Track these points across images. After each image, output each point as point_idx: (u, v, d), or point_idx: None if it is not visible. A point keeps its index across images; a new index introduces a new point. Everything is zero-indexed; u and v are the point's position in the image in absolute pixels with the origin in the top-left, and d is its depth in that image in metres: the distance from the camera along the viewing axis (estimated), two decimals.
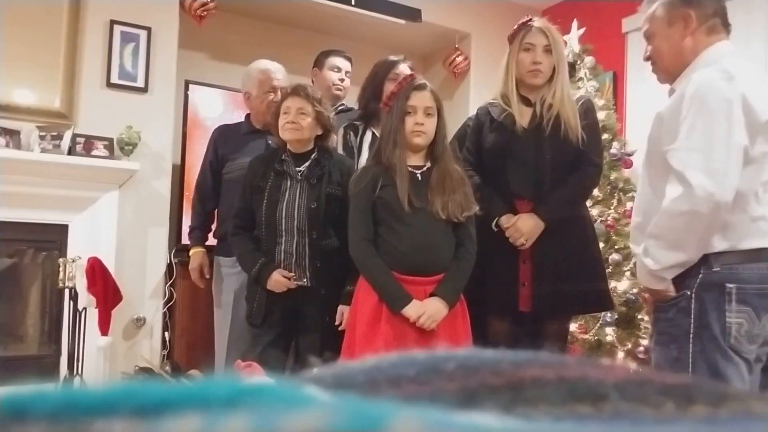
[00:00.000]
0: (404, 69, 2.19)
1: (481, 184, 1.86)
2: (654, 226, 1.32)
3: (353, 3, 3.40)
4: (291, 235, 1.87)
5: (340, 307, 1.87)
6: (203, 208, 2.38)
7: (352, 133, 2.26)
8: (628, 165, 3.21)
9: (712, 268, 1.28)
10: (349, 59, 2.62)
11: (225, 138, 2.38)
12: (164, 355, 2.95)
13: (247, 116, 2.41)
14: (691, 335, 1.29)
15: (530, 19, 1.87)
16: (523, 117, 1.83)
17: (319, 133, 1.94)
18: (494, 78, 2.72)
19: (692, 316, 1.29)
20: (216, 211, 2.41)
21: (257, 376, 1.46)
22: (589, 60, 3.21)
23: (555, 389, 0.18)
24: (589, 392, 0.18)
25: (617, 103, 3.45)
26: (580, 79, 3.12)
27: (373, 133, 2.20)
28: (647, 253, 1.33)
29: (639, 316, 2.97)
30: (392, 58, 2.24)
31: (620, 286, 2.94)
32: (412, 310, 1.63)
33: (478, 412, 0.18)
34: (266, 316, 1.90)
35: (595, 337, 2.94)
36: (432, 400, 0.18)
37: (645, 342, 2.88)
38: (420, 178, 1.73)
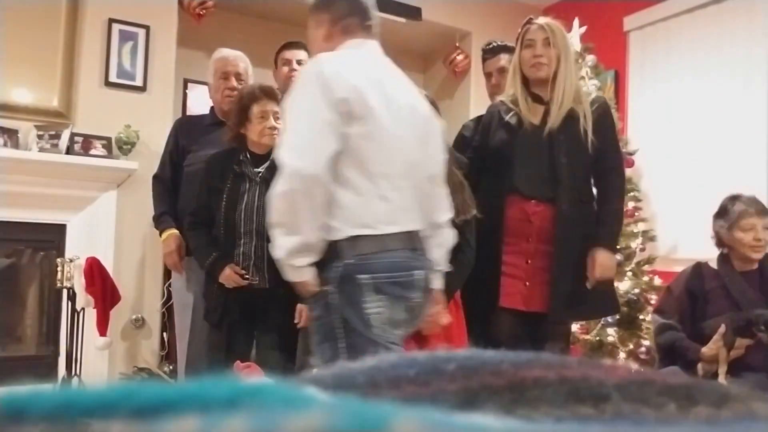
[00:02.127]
0: None
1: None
2: (270, 214, 1.35)
3: None
4: (250, 237, 1.87)
5: (299, 306, 1.88)
6: (167, 197, 2.30)
7: None
8: (630, 164, 3.21)
9: (346, 260, 1.30)
10: (302, 47, 2.52)
11: (187, 129, 2.33)
12: (163, 355, 2.95)
13: (212, 108, 2.37)
14: (339, 330, 1.31)
15: (531, 18, 1.88)
16: (534, 114, 1.82)
17: None
18: None
19: (336, 312, 1.31)
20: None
21: (256, 377, 1.46)
22: (590, 59, 3.22)
23: (556, 390, 0.18)
24: (590, 393, 0.18)
25: (619, 101, 3.46)
26: (582, 78, 3.13)
27: None
28: (273, 243, 1.35)
29: (641, 317, 2.97)
30: None
31: (621, 286, 2.94)
32: None
33: (478, 413, 0.17)
34: (224, 314, 1.91)
35: (597, 338, 2.94)
36: (432, 401, 0.18)
37: (647, 342, 2.89)
38: None
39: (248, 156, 1.92)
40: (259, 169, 1.91)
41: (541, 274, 1.79)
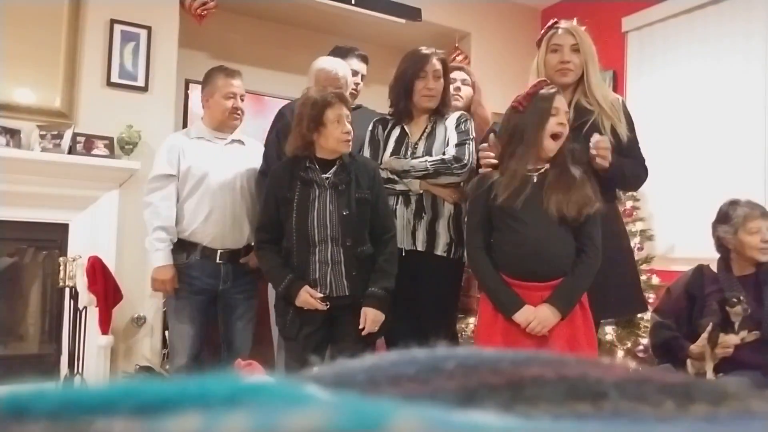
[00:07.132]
0: (435, 64, 2.05)
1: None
2: None
3: (353, 2, 3.39)
4: (325, 244, 1.80)
5: (364, 310, 1.81)
6: None
7: (380, 127, 2.16)
8: None
9: None
10: (366, 60, 2.52)
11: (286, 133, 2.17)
12: (165, 353, 2.95)
13: None
14: None
15: (557, 22, 1.85)
16: None
17: None
18: (494, 77, 2.72)
19: None
20: None
21: (257, 375, 1.46)
22: None
23: (555, 388, 0.18)
24: (588, 391, 0.18)
25: None
26: None
27: (403, 128, 2.11)
28: None
29: (639, 315, 2.97)
30: (423, 51, 2.09)
31: None
32: (522, 316, 1.59)
33: (477, 411, 0.17)
34: (301, 328, 1.85)
35: None
36: (432, 398, 0.18)
37: (645, 341, 2.88)
38: (536, 180, 1.64)
39: (315, 162, 1.85)
40: (328, 175, 1.84)
41: None
